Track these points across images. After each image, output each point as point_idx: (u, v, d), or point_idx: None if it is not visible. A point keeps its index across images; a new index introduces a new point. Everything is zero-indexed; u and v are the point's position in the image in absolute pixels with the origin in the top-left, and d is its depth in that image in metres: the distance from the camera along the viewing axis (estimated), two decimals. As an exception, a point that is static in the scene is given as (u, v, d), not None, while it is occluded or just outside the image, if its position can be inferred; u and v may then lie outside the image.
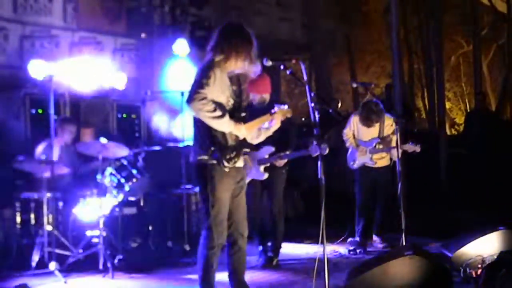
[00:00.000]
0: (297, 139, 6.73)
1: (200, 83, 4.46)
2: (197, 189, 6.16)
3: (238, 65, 4.64)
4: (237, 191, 4.77)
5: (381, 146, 7.42)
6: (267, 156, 6.31)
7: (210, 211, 4.59)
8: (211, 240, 4.60)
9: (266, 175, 6.33)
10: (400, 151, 6.61)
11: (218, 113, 4.44)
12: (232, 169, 4.64)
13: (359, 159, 7.49)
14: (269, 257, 6.58)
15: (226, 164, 4.55)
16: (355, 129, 7.53)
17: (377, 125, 7.38)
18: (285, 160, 6.41)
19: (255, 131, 4.87)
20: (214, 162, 4.55)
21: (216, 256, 4.64)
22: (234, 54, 4.57)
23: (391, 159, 7.51)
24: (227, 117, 4.52)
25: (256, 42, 4.66)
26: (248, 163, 6.11)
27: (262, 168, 6.31)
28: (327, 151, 5.55)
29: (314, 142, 5.86)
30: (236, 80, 4.78)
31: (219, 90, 4.57)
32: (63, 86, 7.23)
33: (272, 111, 4.89)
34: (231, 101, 4.69)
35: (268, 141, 5.78)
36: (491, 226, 5.89)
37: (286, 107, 5.00)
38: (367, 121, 7.33)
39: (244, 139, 4.76)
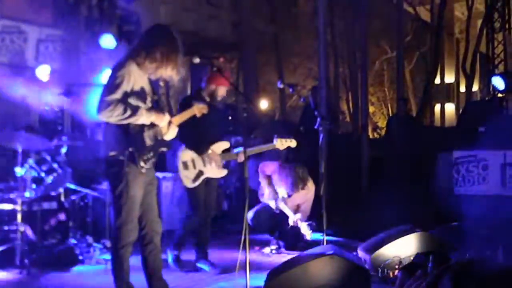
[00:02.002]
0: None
1: (107, 89, 4.43)
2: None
3: (167, 74, 4.64)
4: (149, 189, 4.75)
5: (290, 204, 7.39)
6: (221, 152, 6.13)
7: (122, 209, 4.54)
8: (122, 238, 4.56)
9: (225, 172, 6.20)
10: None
11: (129, 112, 4.40)
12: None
13: (264, 200, 7.49)
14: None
15: (143, 165, 4.53)
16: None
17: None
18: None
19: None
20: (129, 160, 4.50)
21: (128, 254, 4.61)
22: (165, 64, 4.57)
23: None
24: (141, 111, 4.49)
25: (183, 47, 4.64)
26: (213, 162, 6.02)
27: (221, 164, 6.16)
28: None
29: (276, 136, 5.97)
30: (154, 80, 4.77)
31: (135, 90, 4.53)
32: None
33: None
34: (149, 99, 4.67)
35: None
36: (409, 227, 6.08)
37: (202, 104, 5.30)
38: (293, 186, 7.30)
39: (162, 138, 4.74)
